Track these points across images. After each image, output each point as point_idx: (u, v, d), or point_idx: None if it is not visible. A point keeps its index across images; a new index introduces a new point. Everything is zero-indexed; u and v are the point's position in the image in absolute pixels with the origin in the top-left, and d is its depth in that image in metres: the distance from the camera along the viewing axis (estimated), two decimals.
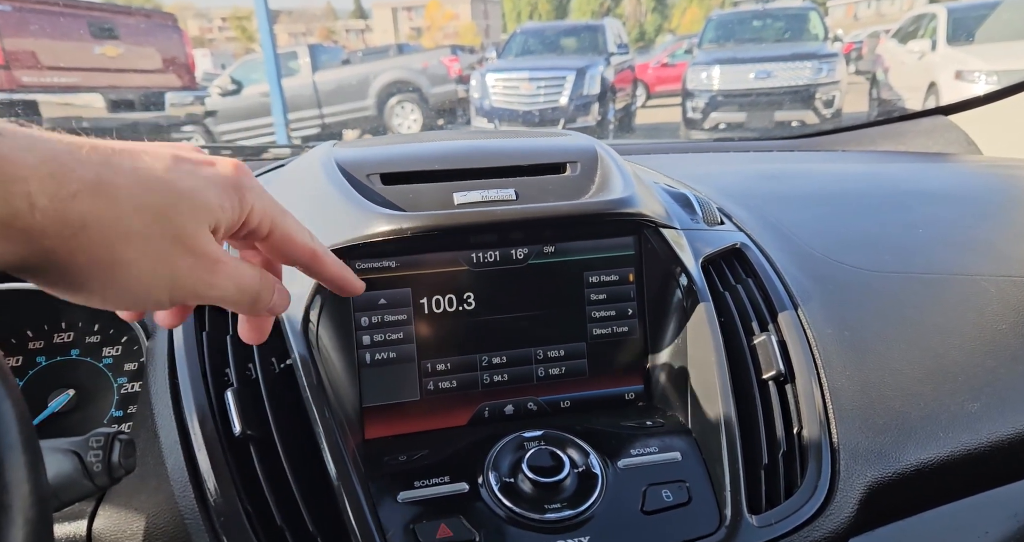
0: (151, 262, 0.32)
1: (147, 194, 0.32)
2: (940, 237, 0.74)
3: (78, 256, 0.30)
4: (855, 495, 0.51)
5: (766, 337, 0.58)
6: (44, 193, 0.28)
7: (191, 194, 0.33)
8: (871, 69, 8.39)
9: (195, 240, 0.33)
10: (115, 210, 0.30)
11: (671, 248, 0.61)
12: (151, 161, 0.33)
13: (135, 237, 0.31)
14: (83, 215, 0.29)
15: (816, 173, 0.96)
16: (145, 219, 0.31)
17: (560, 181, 0.62)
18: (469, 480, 0.51)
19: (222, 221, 0.35)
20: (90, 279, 0.31)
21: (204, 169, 0.35)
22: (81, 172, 0.29)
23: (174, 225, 0.32)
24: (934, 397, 0.57)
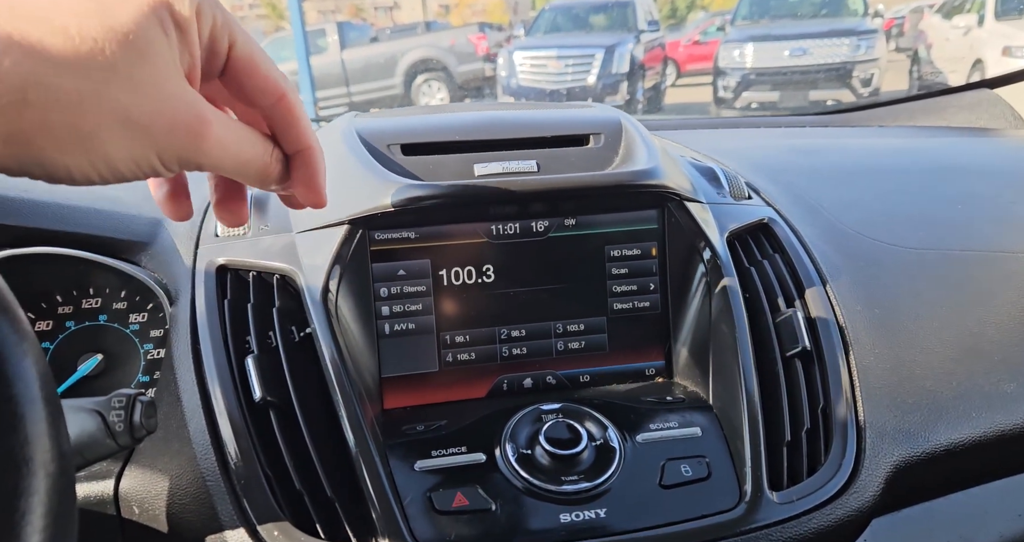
0: (120, 129, 0.27)
1: (80, 23, 0.26)
2: (979, 213, 0.72)
3: (37, 137, 0.26)
4: (881, 474, 0.50)
5: (792, 313, 0.57)
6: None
7: (133, 25, 0.27)
8: (912, 46, 8.12)
9: (168, 89, 0.28)
10: (68, 83, 0.26)
11: (696, 222, 0.59)
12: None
13: (85, 97, 0.26)
14: (22, 81, 0.25)
15: (850, 147, 0.93)
16: (97, 79, 0.26)
17: (583, 153, 0.61)
18: (486, 451, 0.51)
19: (190, 54, 0.29)
20: (62, 154, 0.27)
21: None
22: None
23: (132, 72, 0.27)
24: (967, 376, 0.55)
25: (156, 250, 0.59)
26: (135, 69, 0.27)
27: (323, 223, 0.55)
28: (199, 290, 0.54)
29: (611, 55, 6.89)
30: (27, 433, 0.26)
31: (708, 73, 7.63)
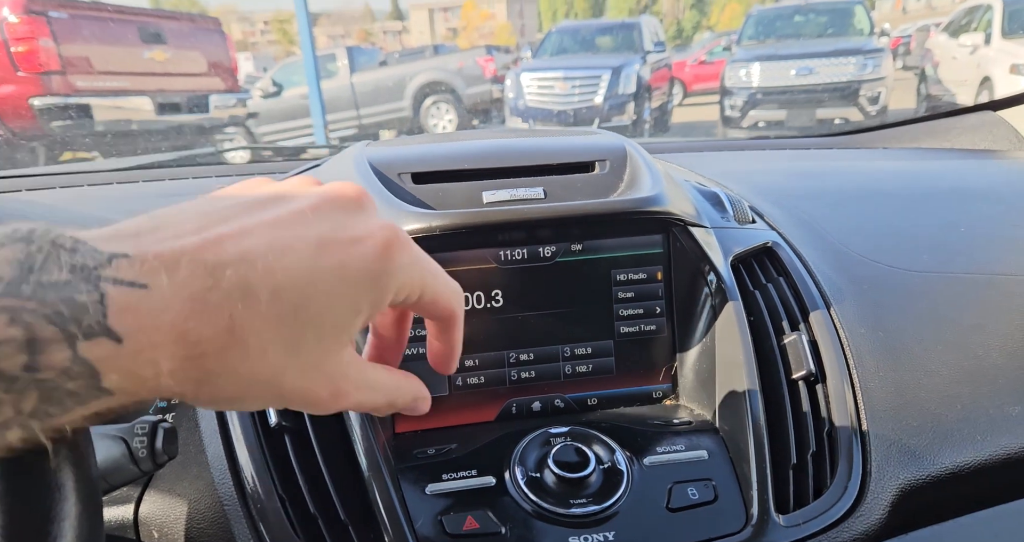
0: (266, 392, 0.30)
1: (274, 332, 0.28)
2: (982, 236, 0.72)
3: (195, 394, 0.29)
4: (887, 497, 0.51)
5: (796, 336, 0.58)
6: (172, 361, 0.26)
7: (322, 317, 0.29)
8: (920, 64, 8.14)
9: (317, 365, 0.30)
10: (242, 365, 0.28)
11: (700, 247, 0.61)
12: (293, 274, 0.28)
13: (255, 383, 0.29)
14: (208, 370, 0.27)
15: (854, 171, 0.94)
16: (268, 366, 0.29)
17: (589, 179, 0.63)
18: (496, 474, 0.52)
19: (358, 326, 0.31)
20: (201, 400, 0.30)
21: (350, 261, 0.30)
22: (210, 328, 0.26)
23: (298, 359, 0.29)
24: (972, 399, 0.56)
25: None
26: (305, 356, 0.30)
27: None
28: None
29: (618, 76, 6.96)
30: (59, 459, 0.27)
31: (715, 93, 7.67)
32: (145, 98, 5.37)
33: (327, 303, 0.29)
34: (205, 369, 0.27)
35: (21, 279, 0.24)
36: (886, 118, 6.26)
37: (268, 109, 7.85)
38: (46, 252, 0.24)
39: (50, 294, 0.24)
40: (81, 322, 0.24)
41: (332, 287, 0.29)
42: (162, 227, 0.28)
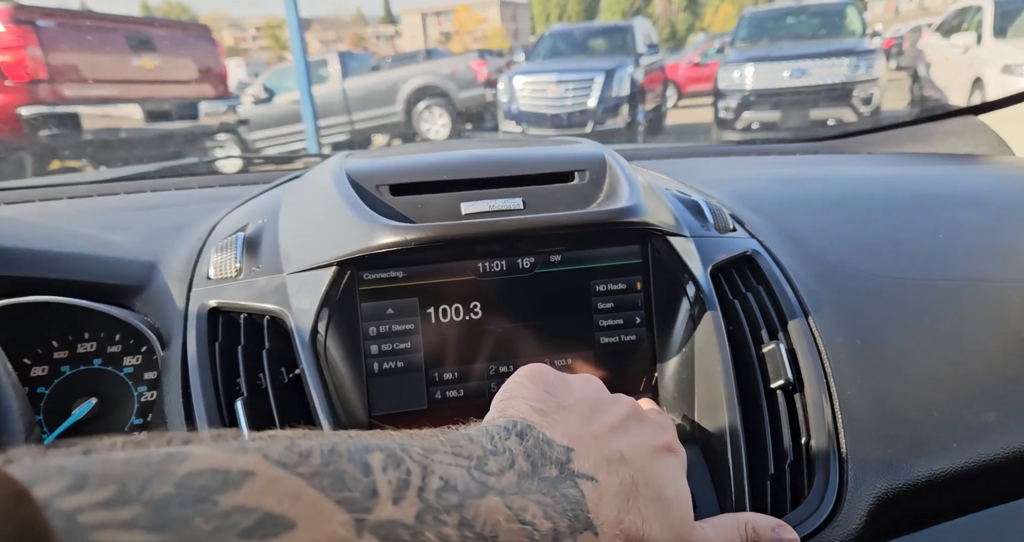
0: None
1: (655, 517, 0.34)
2: (961, 242, 0.72)
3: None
4: (863, 506, 0.51)
5: (775, 346, 0.58)
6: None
7: (677, 499, 0.36)
8: (912, 65, 8.19)
9: (688, 538, 0.36)
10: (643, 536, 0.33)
11: (679, 256, 0.61)
12: (643, 459, 0.36)
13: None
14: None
15: (835, 177, 0.95)
16: (653, 533, 0.34)
17: (568, 190, 0.63)
18: None
19: (690, 507, 0.38)
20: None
21: (669, 461, 0.39)
22: (632, 515, 0.32)
23: (675, 537, 0.35)
24: (949, 407, 0.56)
25: (150, 294, 0.61)
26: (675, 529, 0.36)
27: (312, 265, 0.56)
28: (191, 333, 0.55)
29: (611, 79, 6.97)
30: None
31: (709, 94, 7.70)
32: (134, 106, 5.36)
33: (675, 489, 0.37)
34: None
35: (535, 475, 0.30)
36: (879, 119, 6.29)
37: (259, 115, 7.83)
38: (539, 449, 0.31)
39: (554, 491, 0.29)
40: (579, 518, 0.29)
41: (669, 477, 0.37)
42: (557, 422, 0.35)
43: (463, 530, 0.26)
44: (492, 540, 0.26)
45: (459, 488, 0.27)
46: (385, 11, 52.98)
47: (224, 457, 0.22)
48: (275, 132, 7.87)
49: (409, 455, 0.27)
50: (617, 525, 0.31)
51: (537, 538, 0.28)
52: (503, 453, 0.30)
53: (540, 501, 0.29)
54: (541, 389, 0.39)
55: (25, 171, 4.04)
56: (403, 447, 0.27)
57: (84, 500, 0.18)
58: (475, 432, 0.31)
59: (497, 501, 0.27)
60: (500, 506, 0.27)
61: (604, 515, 0.31)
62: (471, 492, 0.27)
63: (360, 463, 0.25)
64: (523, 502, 0.28)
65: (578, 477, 0.31)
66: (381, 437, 0.28)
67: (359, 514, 0.23)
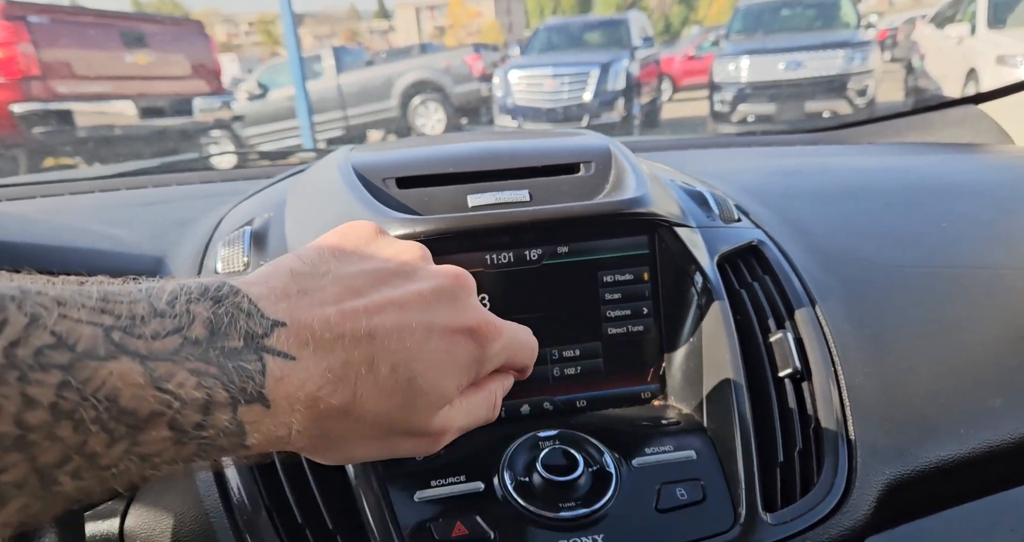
0: (376, 448, 0.35)
1: (388, 401, 0.32)
2: (964, 231, 0.73)
3: (313, 449, 0.34)
4: (872, 493, 0.51)
5: (782, 334, 0.58)
6: (302, 423, 0.30)
7: (431, 390, 0.34)
8: (907, 56, 8.20)
9: (424, 427, 0.35)
10: (356, 427, 0.32)
11: (685, 247, 0.61)
12: (412, 354, 0.33)
13: (366, 440, 0.33)
14: (328, 431, 0.31)
15: (837, 168, 0.95)
16: (380, 428, 0.33)
17: (574, 181, 0.63)
18: (484, 479, 0.51)
19: (455, 397, 0.36)
20: (317, 455, 0.34)
21: (456, 340, 0.35)
22: (338, 396, 0.30)
23: (406, 423, 0.34)
24: (955, 393, 0.56)
25: None
26: (414, 419, 0.34)
27: None
28: None
29: (606, 72, 6.96)
30: None
31: (704, 87, 7.70)
32: (128, 102, 5.33)
33: (434, 378, 0.34)
34: (325, 430, 0.31)
35: (209, 343, 0.27)
36: (875, 110, 6.30)
37: (254, 111, 7.80)
38: (230, 316, 0.28)
39: (227, 361, 0.27)
40: (245, 389, 0.27)
41: (439, 366, 0.34)
42: (308, 291, 0.32)
43: (62, 391, 0.22)
44: (108, 405, 0.23)
45: (77, 348, 0.23)
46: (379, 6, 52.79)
47: None
48: (270, 128, 7.85)
49: (19, 304, 0.23)
50: (308, 400, 0.29)
51: (177, 406, 0.25)
52: (177, 317, 0.27)
53: (197, 369, 0.26)
54: (334, 250, 0.36)
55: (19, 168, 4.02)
56: (23, 291, 0.23)
57: None
58: (155, 288, 0.28)
59: (132, 366, 0.24)
60: (134, 371, 0.24)
61: (285, 391, 0.28)
62: (95, 353, 0.24)
63: None
64: (172, 369, 0.25)
65: (267, 351, 0.28)
66: (15, 283, 0.24)
67: None
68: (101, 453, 0.24)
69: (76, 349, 0.23)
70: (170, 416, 0.25)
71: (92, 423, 0.23)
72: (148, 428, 0.24)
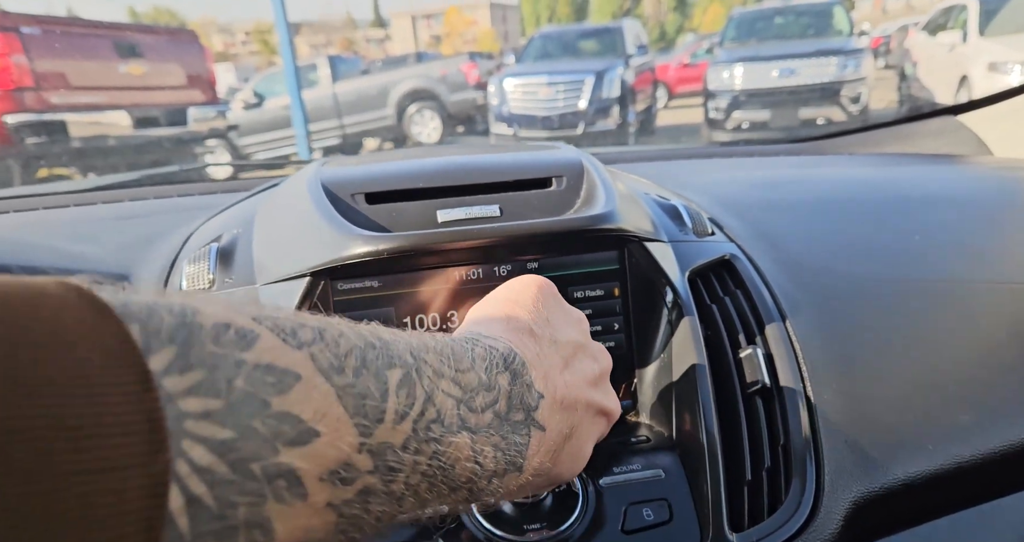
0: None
1: (568, 465, 0.38)
2: (937, 243, 0.73)
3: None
4: (840, 511, 0.50)
5: (752, 350, 0.58)
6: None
7: (585, 458, 0.40)
8: (900, 63, 8.24)
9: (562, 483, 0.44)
10: (539, 482, 0.37)
11: (655, 261, 0.60)
12: (583, 413, 0.39)
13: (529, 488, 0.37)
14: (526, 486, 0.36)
15: (814, 179, 0.95)
16: (548, 484, 0.41)
17: (545, 196, 0.62)
18: None
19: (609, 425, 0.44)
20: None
21: (601, 426, 0.42)
22: (551, 458, 0.36)
23: (560, 479, 0.39)
24: (924, 409, 0.56)
25: None
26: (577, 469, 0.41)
27: (285, 275, 0.56)
28: None
29: (601, 80, 6.98)
30: None
31: (699, 95, 7.72)
32: (122, 113, 5.33)
33: (589, 448, 0.41)
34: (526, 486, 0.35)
35: (504, 419, 0.32)
36: (868, 117, 6.33)
37: (250, 120, 7.81)
38: (520, 393, 0.33)
39: (511, 436, 0.32)
40: (516, 463, 0.32)
41: (593, 439, 0.41)
42: (543, 358, 0.36)
43: (433, 460, 0.28)
44: (448, 471, 0.29)
45: (444, 422, 0.28)
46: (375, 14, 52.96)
47: (279, 350, 0.24)
48: (266, 137, 7.85)
49: (420, 377, 0.28)
50: (539, 467, 0.34)
51: (479, 475, 0.30)
52: (492, 390, 0.31)
53: (496, 444, 0.31)
54: (542, 309, 0.40)
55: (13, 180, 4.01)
56: (418, 365, 0.28)
57: (182, 384, 0.21)
58: (478, 354, 0.32)
59: (466, 440, 0.29)
60: (466, 445, 0.29)
61: (533, 460, 0.33)
62: (452, 428, 0.29)
63: (381, 381, 0.26)
64: (485, 443, 0.30)
65: (534, 425, 0.33)
66: (402, 346, 0.29)
67: (365, 438, 0.25)
68: (419, 503, 0.29)
69: (443, 423, 0.28)
70: (473, 483, 0.30)
71: (430, 485, 0.28)
72: (458, 491, 0.30)
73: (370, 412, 0.25)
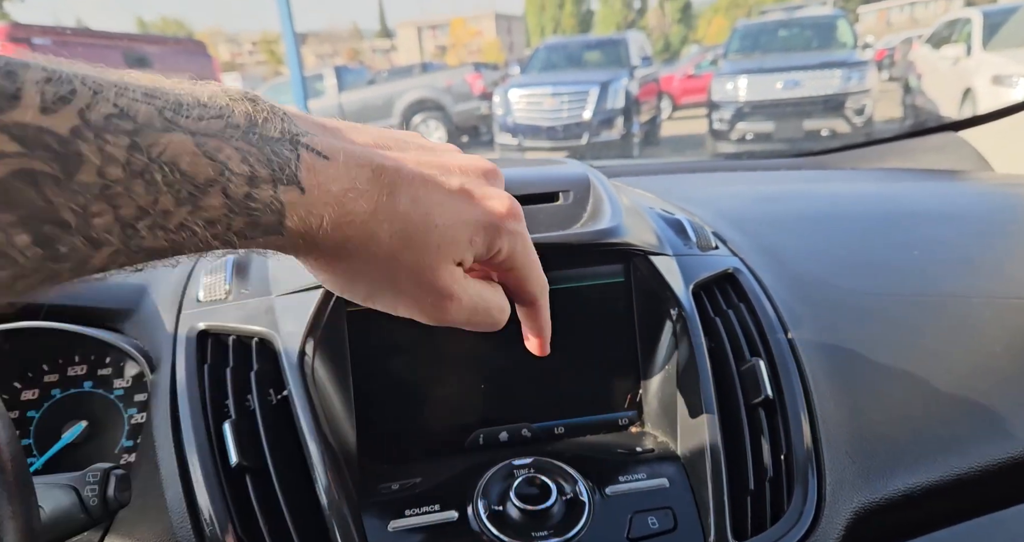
0: (389, 295, 0.36)
1: (403, 231, 0.34)
2: (936, 258, 0.74)
3: (334, 264, 0.34)
4: (841, 521, 0.51)
5: (755, 362, 0.59)
6: (330, 221, 0.32)
7: (444, 230, 0.35)
8: (904, 76, 8.25)
9: (432, 277, 0.35)
10: (371, 262, 0.34)
11: (660, 275, 0.62)
12: (431, 193, 0.35)
13: (378, 282, 0.35)
14: (349, 239, 0.33)
15: (816, 194, 0.96)
16: (391, 267, 0.34)
17: (553, 210, 0.64)
18: (459, 508, 0.52)
19: (468, 258, 0.36)
20: (338, 285, 0.36)
21: (477, 206, 0.36)
22: (362, 204, 0.32)
23: (416, 265, 0.34)
24: (924, 421, 0.57)
25: (140, 317, 0.62)
26: (423, 258, 0.35)
27: (300, 287, 0.57)
28: (180, 355, 0.56)
29: (606, 91, 7.01)
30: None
31: (703, 106, 7.74)
32: None
33: (450, 227, 0.35)
34: (347, 237, 0.32)
35: (248, 130, 0.29)
36: (872, 129, 6.34)
37: None
38: (266, 114, 0.30)
39: (266, 146, 0.29)
40: (283, 171, 0.29)
41: (455, 212, 0.35)
42: (341, 130, 0.35)
43: (133, 153, 0.25)
44: (171, 168, 0.26)
45: (138, 119, 0.26)
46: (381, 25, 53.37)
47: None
48: None
49: (83, 81, 0.25)
50: (336, 198, 0.31)
51: (228, 176, 0.28)
52: (220, 108, 0.29)
53: (241, 148, 0.28)
54: (370, 127, 0.38)
55: None
56: (79, 74, 0.26)
57: None
58: (196, 86, 0.30)
59: (185, 138, 0.27)
60: (187, 142, 0.27)
61: (318, 181, 0.31)
62: (153, 125, 0.26)
63: (5, 71, 0.24)
64: (219, 144, 0.28)
65: (302, 146, 0.31)
66: (66, 65, 0.26)
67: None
68: (172, 212, 0.27)
69: (137, 120, 0.26)
70: (223, 184, 0.28)
71: (160, 183, 0.26)
72: (206, 194, 0.27)
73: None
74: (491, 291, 0.40)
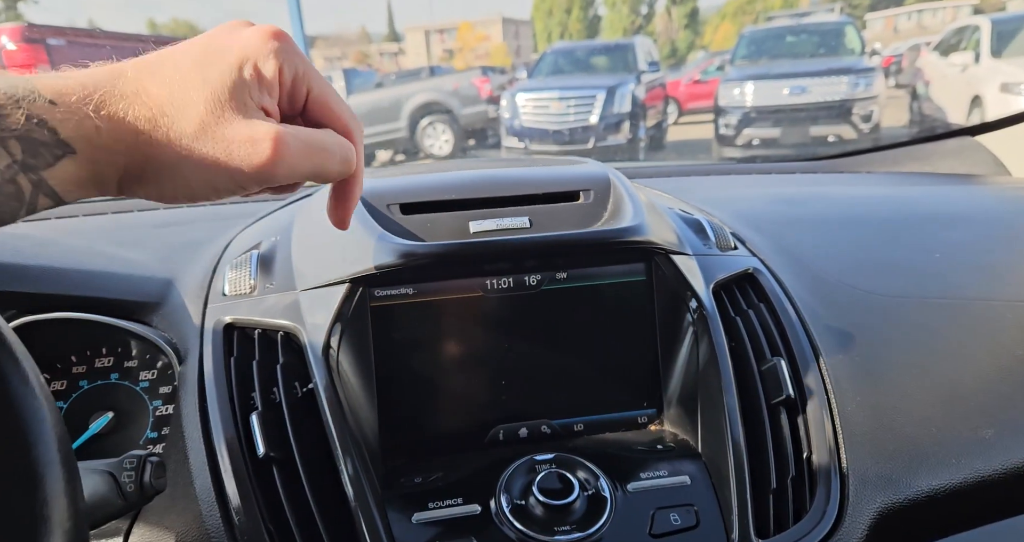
0: (203, 168, 0.35)
1: (184, 82, 0.34)
2: (957, 261, 0.74)
3: (144, 159, 0.34)
4: (865, 521, 0.51)
5: (776, 362, 0.59)
6: (104, 120, 0.32)
7: (227, 44, 0.36)
8: (911, 83, 8.23)
9: (227, 125, 0.34)
10: (171, 138, 0.34)
11: (682, 274, 0.62)
12: (186, 47, 0.36)
13: (187, 160, 0.34)
14: (137, 141, 0.33)
15: (834, 197, 0.96)
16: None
17: (573, 209, 0.64)
18: (481, 502, 0.52)
19: (255, 95, 0.36)
20: (157, 177, 0.35)
21: (233, 43, 0.36)
22: (122, 88, 0.33)
23: (197, 118, 0.34)
24: (946, 423, 0.57)
25: (167, 310, 0.62)
26: (212, 115, 0.35)
27: (325, 282, 0.58)
28: (207, 348, 0.57)
29: (612, 95, 7.01)
30: (46, 494, 0.28)
31: (709, 111, 7.74)
32: None
33: (213, 74, 0.35)
34: (137, 140, 0.33)
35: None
36: (879, 135, 6.32)
37: None
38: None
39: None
40: (15, 95, 0.30)
41: (220, 62, 0.35)
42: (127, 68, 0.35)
43: None
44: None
45: None
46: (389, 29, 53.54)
47: None
48: None
49: None
50: (94, 96, 0.32)
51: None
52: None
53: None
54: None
55: None
56: None
57: None
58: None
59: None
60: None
61: (66, 87, 0.32)
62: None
63: None
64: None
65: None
66: None
67: None
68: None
69: None
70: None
71: None
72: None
73: None
74: (317, 131, 0.39)
